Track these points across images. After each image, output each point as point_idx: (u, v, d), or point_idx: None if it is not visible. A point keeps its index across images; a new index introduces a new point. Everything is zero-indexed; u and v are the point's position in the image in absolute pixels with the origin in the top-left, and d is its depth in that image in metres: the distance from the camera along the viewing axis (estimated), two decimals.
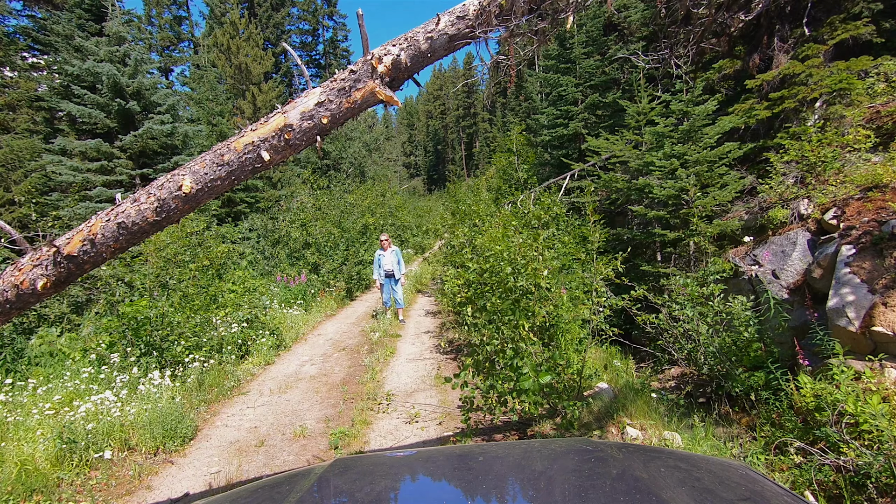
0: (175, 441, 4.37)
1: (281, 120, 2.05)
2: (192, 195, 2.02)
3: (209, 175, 2.03)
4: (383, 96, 2.00)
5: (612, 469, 1.17)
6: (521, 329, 3.68)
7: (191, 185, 2.00)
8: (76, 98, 12.63)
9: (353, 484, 1.19)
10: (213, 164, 2.02)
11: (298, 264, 11.67)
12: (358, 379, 6.00)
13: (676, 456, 1.36)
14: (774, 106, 6.71)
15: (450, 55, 2.17)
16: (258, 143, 2.03)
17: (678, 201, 6.51)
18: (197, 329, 6.18)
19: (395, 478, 1.28)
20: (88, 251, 2.01)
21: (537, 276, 4.67)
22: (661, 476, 1.09)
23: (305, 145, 2.09)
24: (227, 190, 2.13)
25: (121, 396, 4.63)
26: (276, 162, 2.09)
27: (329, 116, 2.04)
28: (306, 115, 2.04)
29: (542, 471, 1.22)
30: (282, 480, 1.28)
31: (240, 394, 5.68)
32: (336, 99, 2.02)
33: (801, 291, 5.31)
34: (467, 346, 6.85)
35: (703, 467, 1.21)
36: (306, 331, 8.70)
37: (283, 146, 2.04)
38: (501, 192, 13.41)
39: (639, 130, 8.21)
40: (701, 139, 6.54)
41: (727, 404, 4.99)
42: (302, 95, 2.07)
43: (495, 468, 1.22)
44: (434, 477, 1.27)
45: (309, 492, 1.12)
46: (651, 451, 1.47)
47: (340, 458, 1.49)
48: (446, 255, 10.12)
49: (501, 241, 5.72)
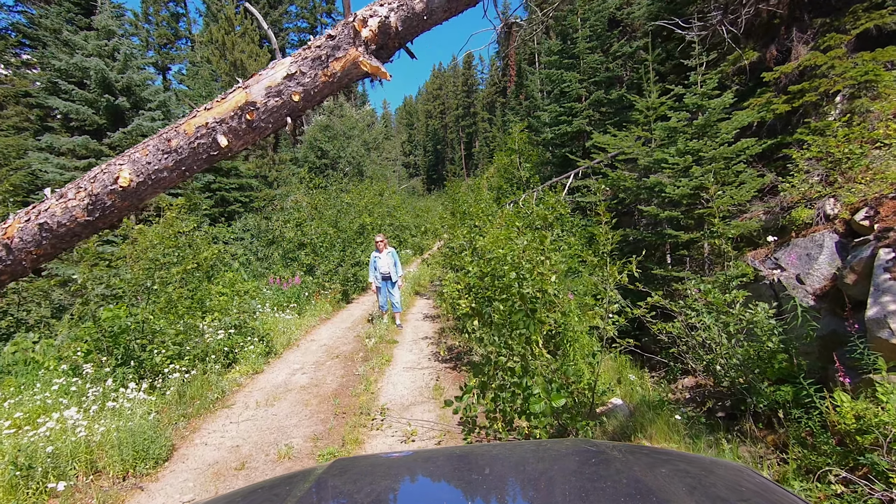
0: (147, 463, 3.98)
1: (241, 97, 1.66)
2: (131, 189, 1.63)
3: (153, 165, 1.64)
4: (368, 67, 1.61)
5: (612, 469, 1.16)
6: (533, 345, 3.29)
7: (130, 177, 1.61)
8: (63, 94, 12.23)
9: (353, 485, 1.17)
10: (157, 151, 1.63)
11: (293, 266, 11.27)
12: (351, 390, 5.61)
13: (677, 456, 1.35)
14: (794, 99, 6.32)
15: (451, 18, 1.76)
16: (213, 125, 1.64)
17: (693, 200, 6.12)
18: (180, 337, 5.78)
19: (395, 478, 1.27)
20: (3, 258, 1.63)
21: (544, 281, 4.28)
22: (661, 476, 1.08)
23: (273, 128, 1.70)
24: (177, 183, 1.75)
25: (90, 413, 4.23)
26: (236, 149, 1.70)
27: (301, 93, 1.64)
28: (273, 90, 1.64)
29: (542, 471, 1.21)
30: (280, 481, 1.26)
31: (224, 407, 5.29)
32: (310, 71, 1.63)
33: (829, 297, 4.92)
34: (468, 357, 6.46)
35: (704, 468, 1.20)
36: (299, 336, 8.31)
37: (245, 129, 1.65)
38: (503, 191, 13.02)
39: (648, 126, 7.82)
40: (717, 135, 6.15)
41: (751, 420, 4.61)
42: (268, 67, 1.68)
43: (495, 468, 1.22)
44: (434, 477, 1.26)
45: (308, 493, 1.09)
46: (652, 451, 1.47)
47: (340, 458, 1.43)
48: (446, 256, 9.72)
49: (504, 243, 5.33)
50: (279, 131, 1.75)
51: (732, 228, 5.32)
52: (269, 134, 1.76)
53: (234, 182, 15.09)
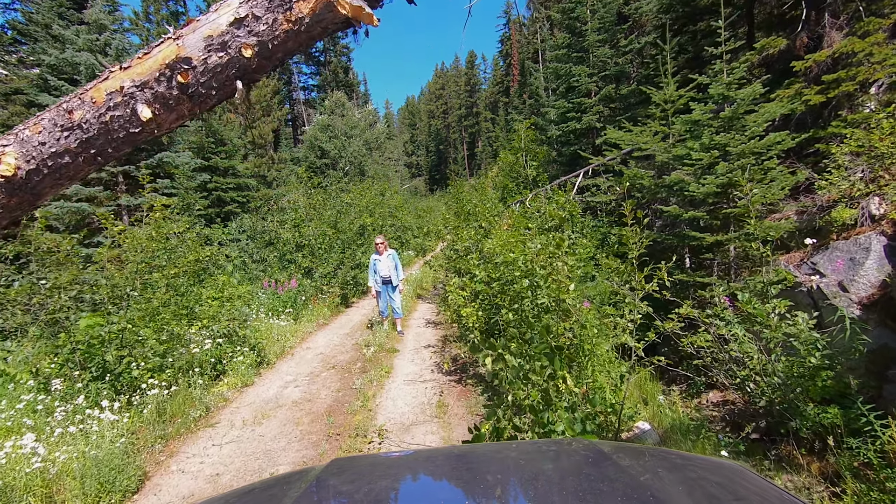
0: (114, 496, 3.51)
1: (171, 51, 1.18)
2: (19, 181, 1.16)
3: (49, 146, 1.17)
4: (348, 8, 1.14)
5: (610, 469, 1.15)
6: (559, 380, 2.81)
7: (16, 163, 1.14)
8: (55, 91, 11.83)
9: (351, 485, 1.16)
10: (55, 127, 1.16)
11: (290, 268, 10.80)
12: (347, 407, 5.14)
13: (675, 456, 1.36)
14: (829, 89, 5.82)
15: None
16: (131, 90, 1.17)
17: (719, 199, 5.62)
18: (162, 347, 5.33)
19: (394, 478, 1.24)
20: None
21: (561, 289, 3.80)
22: (659, 476, 1.09)
23: (218, 97, 1.23)
24: (87, 172, 1.28)
25: (53, 437, 3.78)
26: (167, 124, 1.23)
27: (255, 45, 1.17)
28: (215, 42, 1.17)
29: (540, 471, 1.21)
30: (276, 481, 1.26)
31: (207, 426, 4.82)
32: (266, 15, 1.15)
33: (879, 307, 4.42)
34: (474, 369, 5.98)
35: (702, 468, 1.20)
36: (294, 343, 7.84)
37: (177, 96, 1.19)
38: (508, 190, 12.53)
39: (666, 120, 7.33)
40: (745, 128, 5.65)
41: (793, 444, 4.12)
42: (209, 11, 1.21)
43: (494, 468, 1.20)
44: (433, 477, 1.24)
45: (305, 493, 1.06)
46: (650, 451, 1.47)
47: (337, 458, 1.41)
48: (449, 258, 9.23)
49: (515, 245, 4.85)
50: (231, 101, 1.30)
51: (770, 230, 4.82)
52: (214, 105, 1.29)
53: (232, 182, 14.66)
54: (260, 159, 19.16)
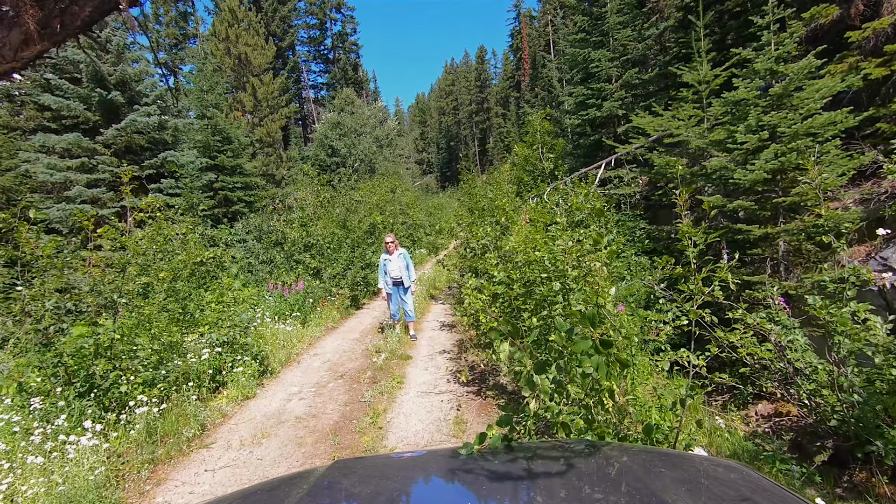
0: None
1: None
2: None
3: None
4: None
5: (613, 469, 1.14)
6: (604, 394, 2.27)
7: None
8: (58, 91, 11.53)
9: (355, 486, 1.14)
10: None
11: (297, 269, 10.36)
12: (355, 424, 4.65)
13: (677, 456, 1.34)
14: (892, 61, 5.14)
15: None
16: None
17: (768, 187, 5.00)
18: (154, 358, 4.90)
19: (398, 479, 1.22)
20: None
21: (601, 294, 3.24)
22: (662, 476, 1.08)
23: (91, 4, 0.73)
24: None
25: (13, 467, 3.34)
26: (7, 52, 0.76)
27: None
28: None
29: (544, 472, 1.18)
30: (279, 483, 1.25)
31: (202, 446, 4.37)
32: None
33: None
34: (494, 379, 5.44)
35: (704, 468, 1.18)
36: (301, 349, 7.40)
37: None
38: (524, 184, 11.94)
39: (699, 103, 6.69)
40: (796, 107, 5.01)
41: (872, 471, 3.53)
42: None
43: (496, 470, 1.17)
44: (437, 478, 1.22)
45: (308, 495, 1.05)
46: (651, 451, 1.45)
47: (340, 459, 1.39)
48: (464, 257, 8.69)
49: (540, 243, 4.29)
50: None
51: (843, 220, 4.19)
52: (88, 21, 0.78)
53: (239, 181, 14.28)
54: (268, 158, 18.81)
